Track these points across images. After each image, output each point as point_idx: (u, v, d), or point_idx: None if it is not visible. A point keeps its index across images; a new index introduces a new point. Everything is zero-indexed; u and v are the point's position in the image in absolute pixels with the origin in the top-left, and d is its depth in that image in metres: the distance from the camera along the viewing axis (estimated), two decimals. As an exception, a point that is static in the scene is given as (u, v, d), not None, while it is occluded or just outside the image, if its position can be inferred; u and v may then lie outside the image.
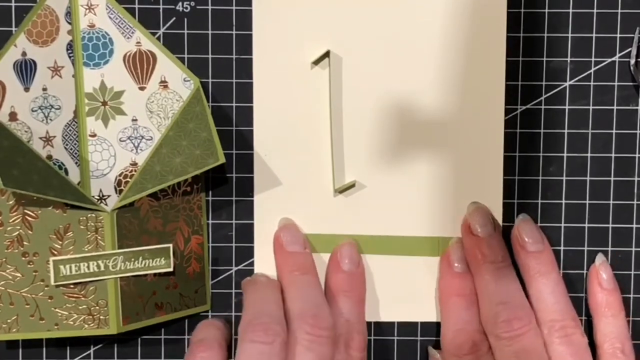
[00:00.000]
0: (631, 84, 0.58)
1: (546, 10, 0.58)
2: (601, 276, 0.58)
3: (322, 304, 0.55)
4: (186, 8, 0.57)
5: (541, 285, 0.56)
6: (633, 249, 0.59)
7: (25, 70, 0.56)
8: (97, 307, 0.56)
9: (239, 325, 0.54)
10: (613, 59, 0.58)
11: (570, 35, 0.58)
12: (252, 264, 0.59)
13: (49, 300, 0.56)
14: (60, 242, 0.55)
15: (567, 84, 0.58)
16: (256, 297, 0.56)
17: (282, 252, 0.57)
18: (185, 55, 0.58)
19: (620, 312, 0.57)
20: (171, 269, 0.57)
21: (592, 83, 0.58)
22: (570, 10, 0.58)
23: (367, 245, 0.58)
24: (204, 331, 0.57)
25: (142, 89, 0.57)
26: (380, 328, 0.59)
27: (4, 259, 0.56)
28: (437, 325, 0.59)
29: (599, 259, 0.58)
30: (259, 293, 0.56)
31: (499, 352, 0.55)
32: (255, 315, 0.54)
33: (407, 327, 0.59)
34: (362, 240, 0.58)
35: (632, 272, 0.59)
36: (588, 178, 0.59)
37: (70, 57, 0.56)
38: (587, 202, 0.59)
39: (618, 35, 0.58)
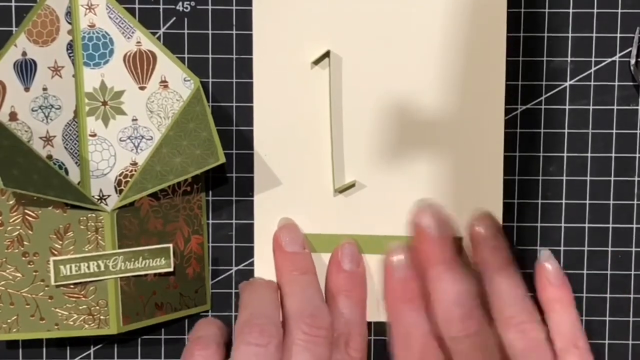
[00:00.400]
0: (631, 84, 0.58)
1: (546, 10, 0.58)
2: (548, 271, 0.57)
3: (320, 304, 0.55)
4: (186, 8, 0.57)
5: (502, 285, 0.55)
6: (633, 249, 0.59)
7: (26, 70, 0.56)
8: (97, 307, 0.56)
9: (235, 325, 0.54)
10: (613, 59, 0.58)
11: (570, 35, 0.58)
12: (252, 264, 0.59)
13: (49, 300, 0.56)
14: (61, 242, 0.55)
15: (567, 84, 0.58)
16: (253, 298, 0.56)
17: (282, 253, 0.57)
18: (185, 55, 0.58)
19: (570, 306, 0.56)
20: (171, 269, 0.57)
21: (592, 83, 0.58)
22: (570, 10, 0.58)
23: (367, 245, 0.58)
24: (202, 329, 0.57)
25: (142, 88, 0.57)
26: (380, 328, 0.59)
27: (4, 259, 0.55)
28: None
29: (543, 253, 0.58)
30: (256, 294, 0.56)
31: (454, 351, 0.54)
32: (252, 316, 0.54)
33: (407, 327, 0.59)
34: (362, 240, 0.58)
35: (632, 272, 0.59)
36: (588, 178, 0.58)
37: (70, 57, 0.56)
38: (587, 202, 0.59)
39: (618, 35, 0.58)
